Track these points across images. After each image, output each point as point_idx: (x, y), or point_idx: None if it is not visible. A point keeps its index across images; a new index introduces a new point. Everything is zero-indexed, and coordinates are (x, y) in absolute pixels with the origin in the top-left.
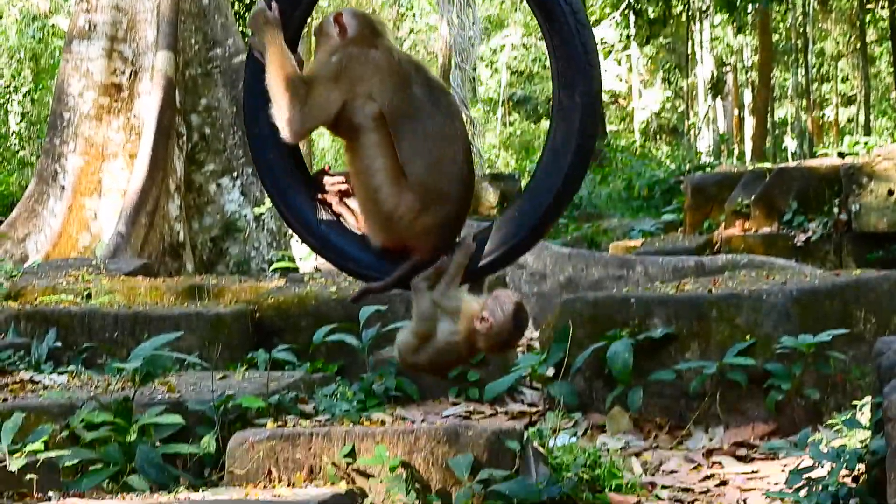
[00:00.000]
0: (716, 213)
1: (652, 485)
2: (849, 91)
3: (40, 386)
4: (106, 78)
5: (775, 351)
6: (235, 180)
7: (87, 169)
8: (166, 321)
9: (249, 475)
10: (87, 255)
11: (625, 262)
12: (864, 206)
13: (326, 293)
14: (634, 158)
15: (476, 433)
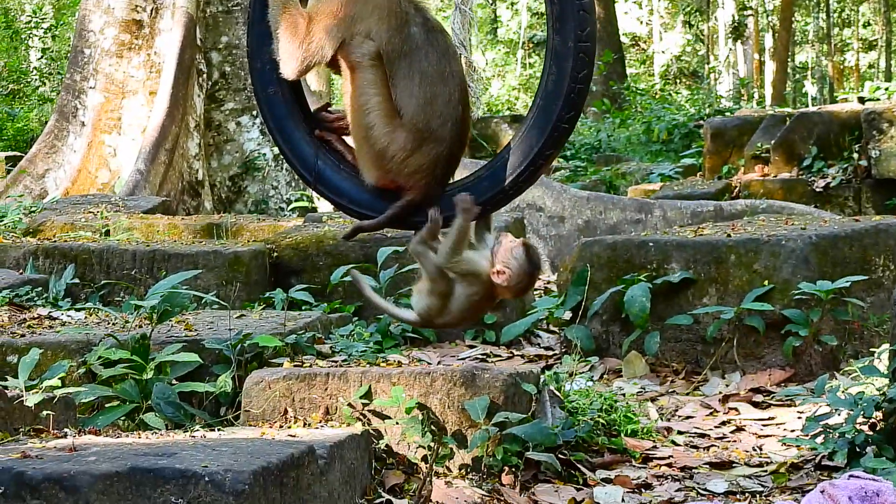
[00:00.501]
0: (735, 157)
1: (667, 430)
2: (870, 36)
3: (58, 322)
4: (127, 14)
5: (793, 297)
6: (255, 119)
7: (107, 105)
8: (184, 259)
9: (265, 414)
10: (106, 192)
11: (643, 206)
12: (885, 152)
13: (344, 233)
14: (654, 102)
15: (492, 376)
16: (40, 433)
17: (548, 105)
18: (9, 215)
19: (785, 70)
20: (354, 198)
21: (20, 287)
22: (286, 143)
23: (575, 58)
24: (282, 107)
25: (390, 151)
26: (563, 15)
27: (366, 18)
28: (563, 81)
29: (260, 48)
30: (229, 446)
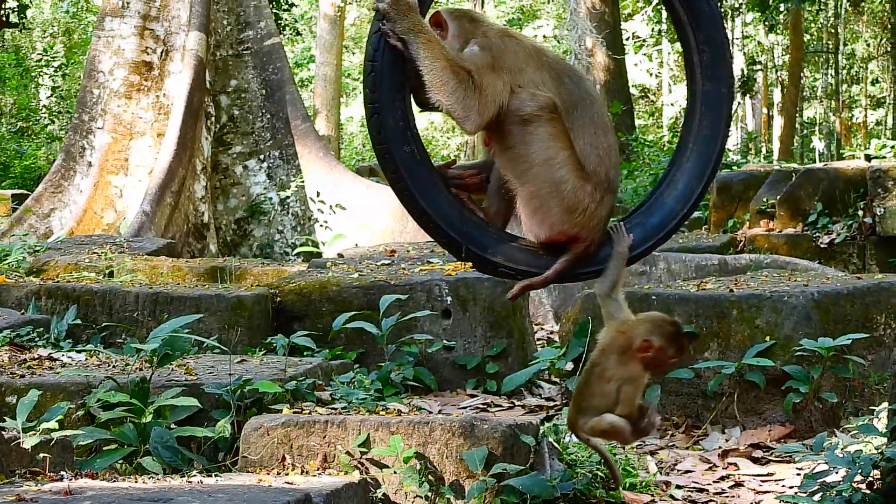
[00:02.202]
0: (741, 211)
1: (666, 484)
2: (878, 93)
3: (58, 363)
4: (137, 56)
5: (794, 353)
6: (262, 163)
7: (115, 146)
8: (187, 302)
9: (263, 461)
10: (112, 233)
11: (648, 259)
12: (889, 210)
13: (348, 279)
14: (662, 154)
15: (491, 426)
16: (36, 476)
17: (706, 149)
18: (13, 254)
19: (793, 125)
20: (511, 257)
21: (21, 327)
22: (432, 207)
23: (728, 103)
24: (420, 167)
25: (583, 205)
26: (715, 62)
27: (525, 69)
28: (720, 126)
29: (394, 103)
30: (226, 493)
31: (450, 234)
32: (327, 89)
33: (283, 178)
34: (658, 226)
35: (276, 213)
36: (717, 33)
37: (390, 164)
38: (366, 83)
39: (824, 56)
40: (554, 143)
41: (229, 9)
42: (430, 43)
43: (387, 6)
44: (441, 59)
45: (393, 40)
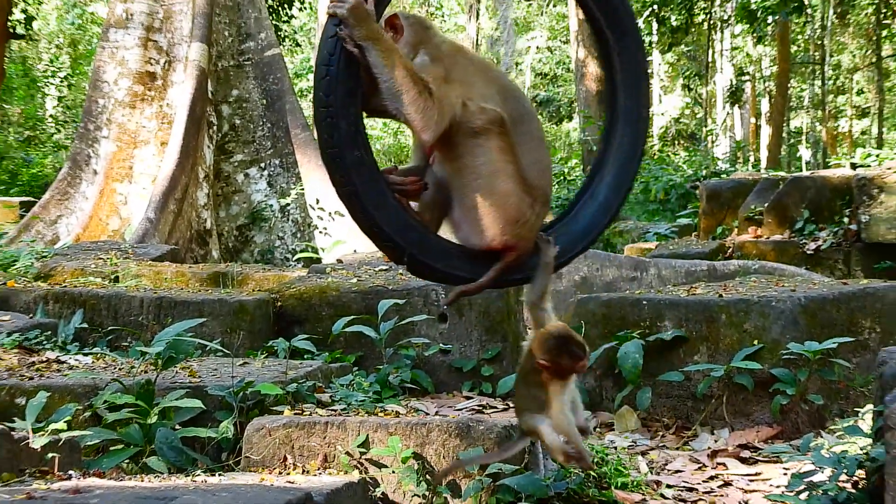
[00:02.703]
0: (729, 218)
1: (657, 483)
2: (863, 104)
3: (66, 366)
4: (141, 66)
5: (782, 356)
6: (263, 171)
7: (120, 155)
8: (190, 306)
9: (265, 461)
10: (117, 239)
11: (639, 264)
12: (874, 217)
13: (347, 285)
14: (652, 163)
15: (487, 427)
16: (45, 475)
17: (624, 165)
18: (21, 260)
19: (780, 134)
20: (448, 263)
21: (30, 331)
22: (379, 212)
23: (645, 121)
24: (368, 172)
25: (524, 216)
26: (637, 83)
27: (474, 83)
28: (638, 143)
29: (347, 108)
30: (229, 492)
31: (394, 238)
32: None
33: (283, 186)
34: (581, 235)
35: (277, 219)
36: (640, 58)
37: (340, 168)
38: (320, 86)
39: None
40: (502, 156)
41: (231, 21)
42: (388, 52)
43: (346, 13)
44: (400, 68)
45: (350, 46)
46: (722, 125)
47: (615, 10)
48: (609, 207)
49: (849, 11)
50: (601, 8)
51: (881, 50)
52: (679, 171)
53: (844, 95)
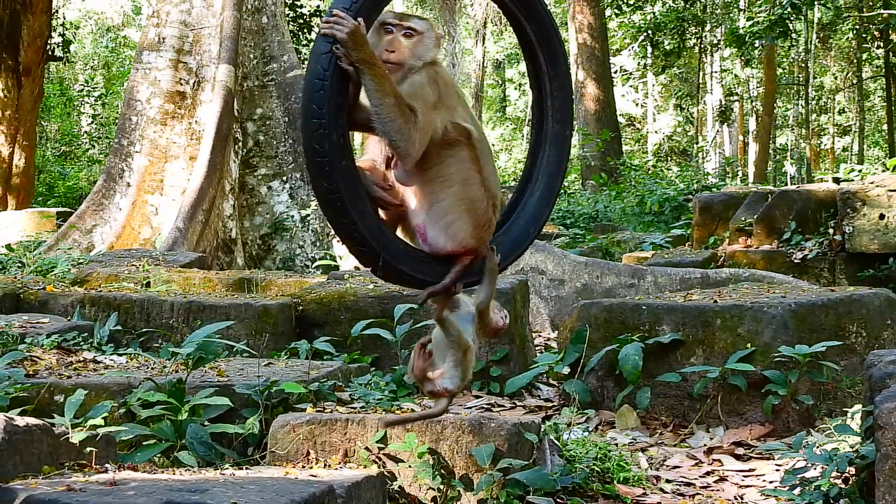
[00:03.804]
0: (721, 229)
1: (656, 478)
2: (845, 122)
3: (101, 366)
4: (171, 86)
5: (773, 359)
6: (285, 184)
7: (151, 168)
8: (217, 310)
9: (289, 455)
10: (148, 247)
11: (636, 272)
12: (857, 228)
13: (364, 290)
14: (647, 177)
15: (497, 425)
16: (84, 468)
17: (551, 181)
18: (59, 266)
19: (767, 151)
20: (414, 267)
21: (68, 332)
22: (360, 219)
23: (569, 142)
24: (354, 181)
25: (488, 222)
26: (564, 108)
27: (456, 108)
28: (563, 161)
29: (337, 120)
30: (256, 484)
31: (371, 244)
32: None
33: (304, 198)
34: (515, 244)
35: (298, 229)
36: (568, 83)
37: (328, 178)
38: (312, 99)
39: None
40: (471, 166)
41: (255, 44)
42: (382, 78)
43: (346, 37)
44: (391, 95)
45: (345, 64)
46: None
47: (550, 40)
48: (539, 218)
49: (831, 36)
50: (538, 38)
51: (861, 72)
52: (672, 186)
53: (827, 114)
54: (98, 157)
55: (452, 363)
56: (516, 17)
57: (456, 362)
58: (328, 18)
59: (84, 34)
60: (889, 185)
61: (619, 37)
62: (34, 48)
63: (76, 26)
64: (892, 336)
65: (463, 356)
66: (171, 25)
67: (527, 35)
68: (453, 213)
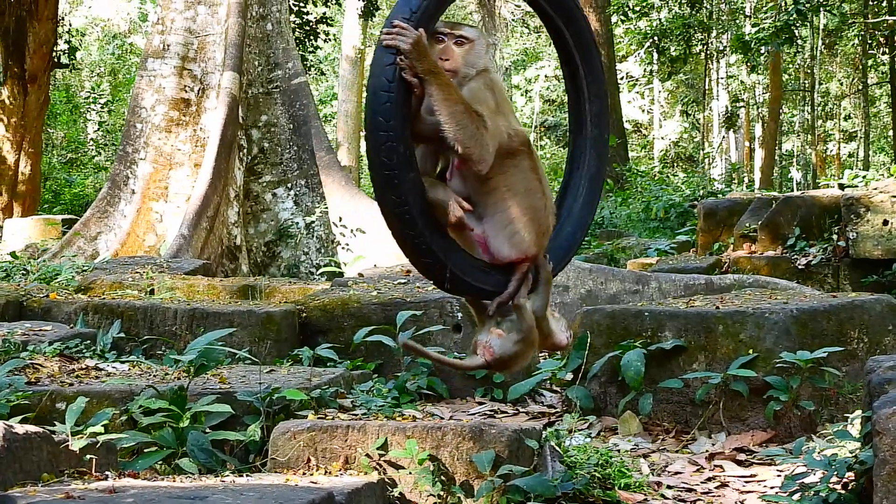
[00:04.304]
0: (725, 235)
1: (658, 484)
2: (850, 128)
3: (104, 373)
4: (176, 93)
5: (775, 365)
6: (289, 191)
7: (156, 175)
8: (221, 317)
9: (290, 462)
10: (152, 255)
11: (641, 278)
12: (861, 234)
13: (368, 297)
14: (653, 183)
15: (498, 431)
16: (83, 475)
17: (593, 185)
18: (63, 273)
19: (772, 157)
20: (477, 277)
21: (70, 340)
22: (427, 231)
23: (608, 145)
24: (420, 193)
25: (546, 228)
26: (602, 112)
27: (510, 114)
28: (603, 165)
29: (404, 132)
30: (256, 491)
31: (438, 256)
32: (349, 124)
33: (308, 205)
34: (564, 250)
35: (302, 236)
36: (604, 88)
37: (396, 190)
38: (378, 111)
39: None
40: (532, 175)
41: (260, 51)
42: (447, 87)
43: (410, 48)
44: (459, 103)
45: (409, 76)
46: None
47: (587, 47)
48: (584, 224)
49: (836, 42)
50: (576, 45)
51: (867, 78)
52: (678, 192)
53: (833, 120)
54: (104, 165)
55: (511, 339)
56: (554, 21)
57: (514, 341)
58: (389, 29)
59: (90, 41)
60: (893, 191)
61: (625, 43)
62: (40, 55)
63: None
64: (894, 342)
65: (522, 343)
66: (175, 33)
67: (564, 40)
68: (518, 223)
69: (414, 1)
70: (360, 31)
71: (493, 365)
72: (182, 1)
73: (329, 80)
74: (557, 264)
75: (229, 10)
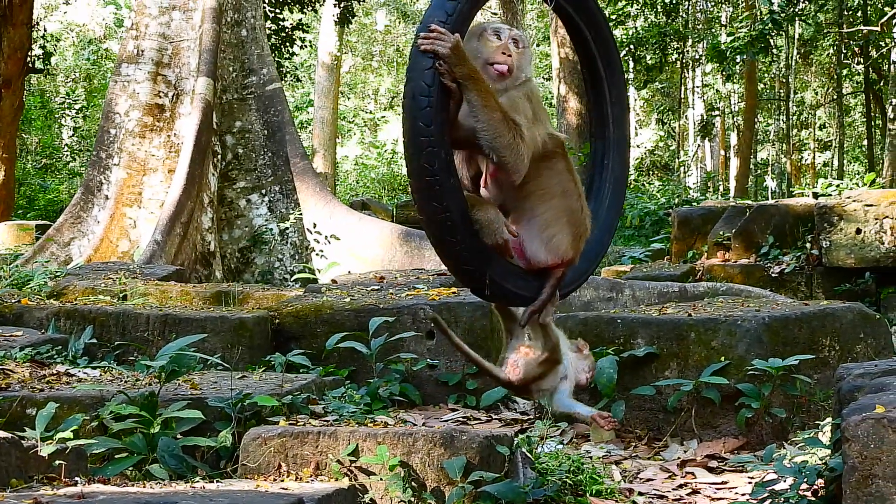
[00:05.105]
0: (699, 243)
1: (630, 491)
2: (825, 137)
3: (75, 379)
4: (150, 99)
5: (747, 372)
6: (264, 197)
7: (130, 181)
8: (193, 323)
9: (261, 468)
10: (126, 260)
11: (614, 286)
12: (834, 243)
13: (341, 303)
14: (628, 191)
15: (470, 438)
16: (53, 481)
17: (618, 189)
18: (35, 279)
19: (747, 166)
20: (515, 283)
21: (41, 345)
22: (467, 238)
23: (629, 147)
24: (461, 199)
25: (583, 231)
26: (623, 115)
27: (546, 120)
28: (626, 167)
29: (443, 137)
30: (226, 497)
31: (478, 262)
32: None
33: (282, 211)
34: (593, 254)
35: (276, 242)
36: (625, 91)
37: (438, 196)
38: (418, 116)
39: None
40: (569, 177)
41: (235, 57)
42: (486, 93)
43: (448, 52)
44: (497, 110)
45: (448, 81)
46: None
47: (609, 50)
48: (612, 227)
49: (811, 52)
50: (599, 48)
51: (842, 87)
52: (653, 199)
53: (807, 130)
54: (79, 170)
55: (536, 359)
56: (577, 25)
57: (539, 361)
58: (426, 34)
59: (65, 46)
60: (866, 200)
61: None
62: (14, 60)
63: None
64: (865, 349)
65: (546, 363)
66: (150, 38)
67: (586, 43)
68: (555, 226)
69: (448, 4)
70: (337, 37)
71: (516, 386)
72: (156, 6)
73: (305, 86)
74: (587, 269)
75: (204, 15)
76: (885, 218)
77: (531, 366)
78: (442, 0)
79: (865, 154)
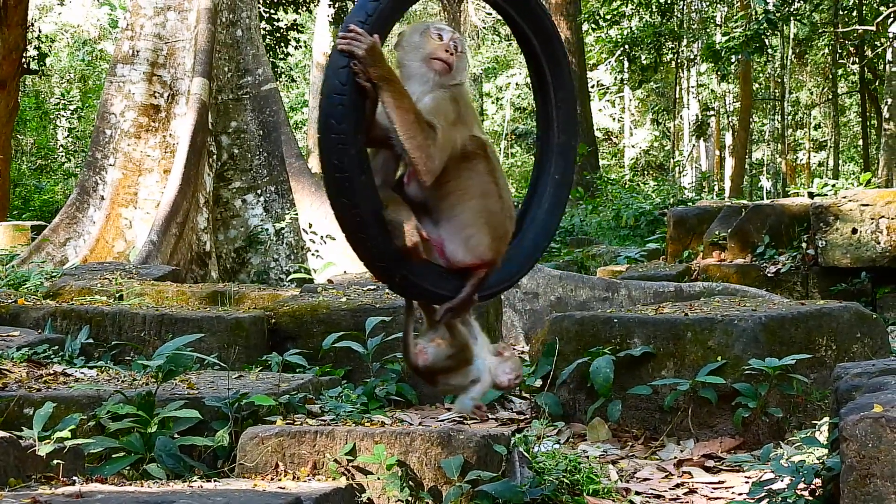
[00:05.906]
0: (695, 243)
1: (626, 490)
2: (820, 137)
3: (71, 378)
4: (146, 99)
5: (744, 372)
6: (259, 197)
7: (125, 182)
8: (189, 323)
9: (258, 468)
10: (121, 261)
11: (610, 286)
12: (830, 242)
13: (337, 303)
14: (623, 191)
15: (467, 437)
16: (51, 480)
17: (559, 192)
18: (31, 279)
19: (743, 166)
20: (433, 281)
21: (38, 345)
22: (379, 234)
23: (575, 152)
24: (372, 196)
25: (504, 233)
26: (569, 118)
27: (473, 121)
28: (570, 172)
29: (356, 136)
30: (223, 497)
31: (391, 259)
32: None
33: (278, 211)
34: (526, 257)
35: (272, 242)
36: (572, 94)
37: (348, 193)
38: (331, 114)
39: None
40: (489, 178)
41: (230, 57)
42: (400, 95)
43: (364, 54)
44: (411, 112)
45: (363, 80)
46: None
47: (553, 47)
48: (549, 230)
49: (807, 52)
50: (544, 51)
51: (837, 87)
52: (648, 200)
53: (803, 129)
54: (74, 171)
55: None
56: (521, 27)
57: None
58: (344, 34)
59: (60, 47)
60: (861, 199)
61: (595, 51)
62: (9, 61)
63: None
64: (862, 349)
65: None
66: (145, 38)
67: (532, 46)
68: (473, 227)
69: (369, 5)
70: (331, 37)
71: (422, 372)
72: (152, 7)
73: (300, 87)
74: (518, 270)
75: (199, 16)
76: (881, 217)
77: (440, 357)
78: (364, 1)
79: (861, 154)
